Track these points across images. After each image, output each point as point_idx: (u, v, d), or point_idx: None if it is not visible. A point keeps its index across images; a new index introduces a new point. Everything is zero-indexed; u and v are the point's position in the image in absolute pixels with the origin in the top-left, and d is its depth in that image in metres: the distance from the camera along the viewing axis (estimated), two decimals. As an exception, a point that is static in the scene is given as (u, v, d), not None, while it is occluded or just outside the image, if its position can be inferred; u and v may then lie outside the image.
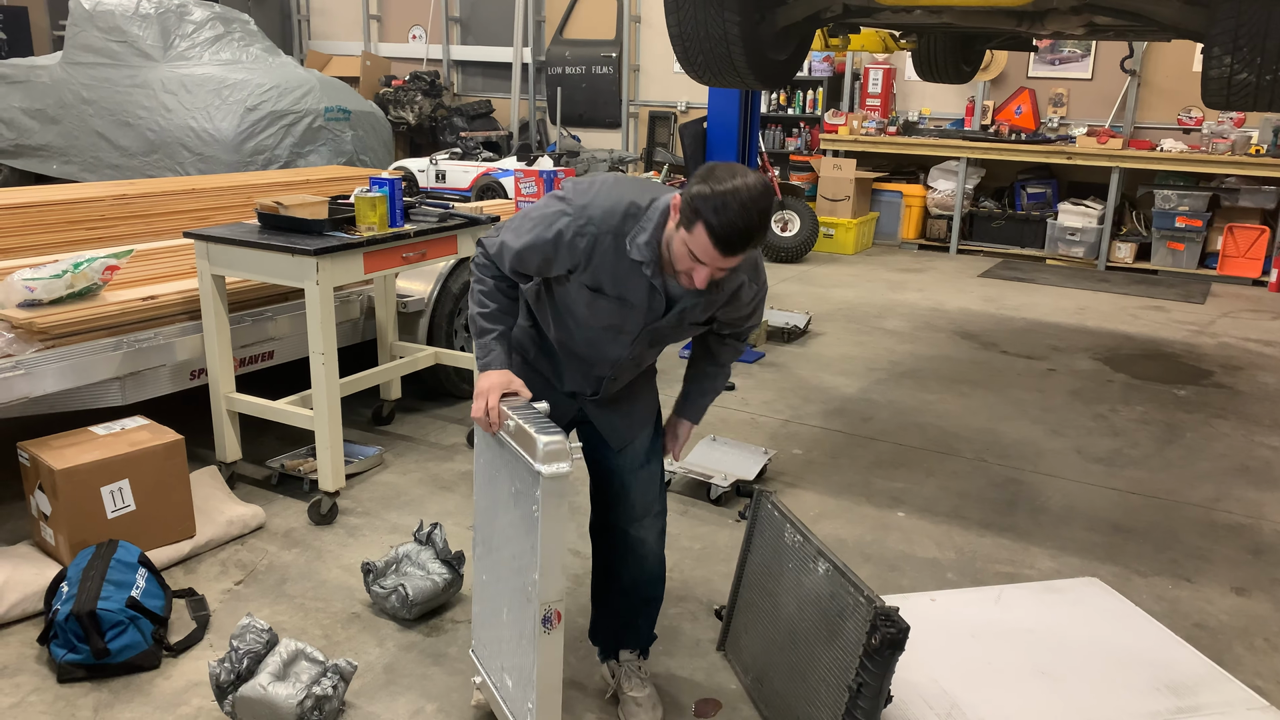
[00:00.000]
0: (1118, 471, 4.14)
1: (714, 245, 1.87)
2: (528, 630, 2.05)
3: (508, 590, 2.17)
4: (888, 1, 3.18)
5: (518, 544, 2.08)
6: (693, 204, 1.87)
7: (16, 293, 3.25)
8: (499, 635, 2.26)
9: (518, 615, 2.12)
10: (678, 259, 1.97)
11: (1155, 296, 7.41)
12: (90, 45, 8.36)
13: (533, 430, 1.94)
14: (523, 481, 2.02)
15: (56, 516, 2.96)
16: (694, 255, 1.92)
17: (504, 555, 2.18)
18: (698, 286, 1.97)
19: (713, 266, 1.92)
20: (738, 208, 1.84)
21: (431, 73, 11.22)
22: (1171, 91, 8.32)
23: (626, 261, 2.04)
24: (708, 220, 1.85)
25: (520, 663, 2.13)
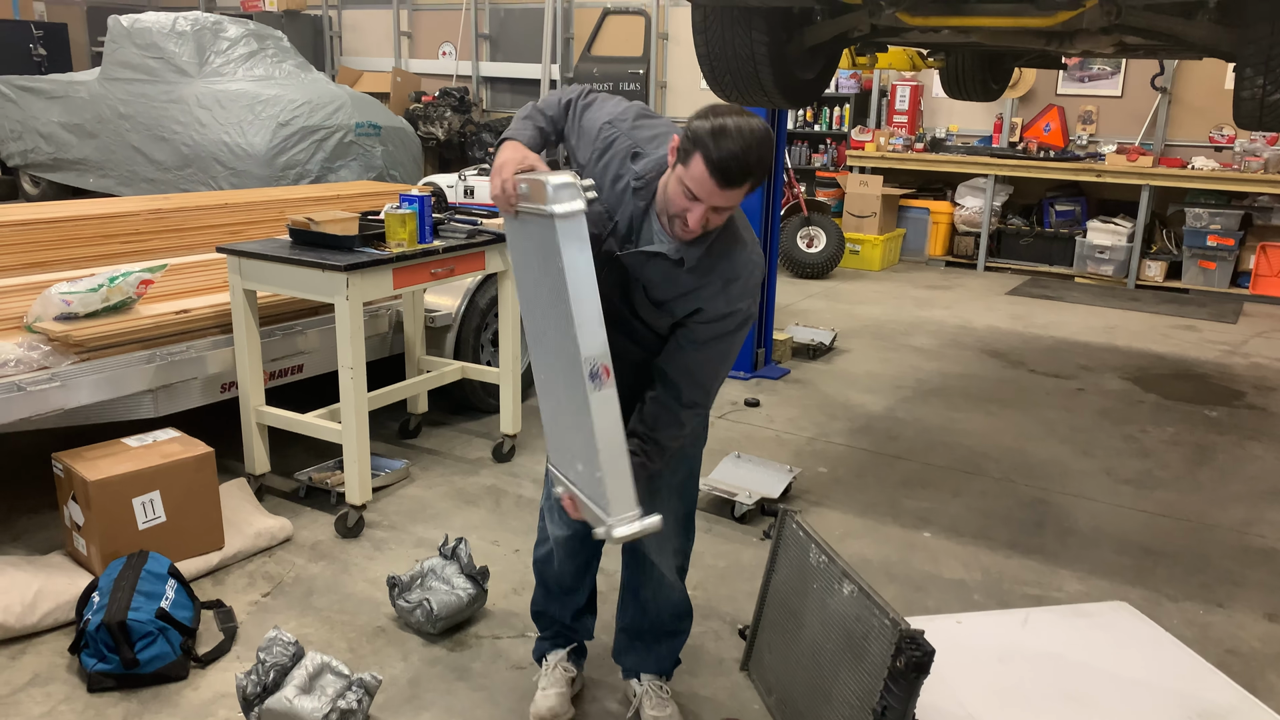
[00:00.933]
0: (1148, 493, 4.10)
1: (711, 175, 1.83)
2: (579, 396, 1.87)
3: (559, 371, 2.00)
4: (915, 21, 3.18)
5: (555, 313, 1.91)
6: (691, 136, 1.85)
7: (54, 306, 3.31)
8: (563, 426, 2.10)
9: (571, 389, 1.93)
10: (673, 200, 1.93)
11: (1186, 316, 7.34)
12: (128, 61, 8.52)
13: (542, 176, 1.85)
14: (546, 240, 1.87)
15: (89, 527, 3.00)
16: (689, 192, 1.88)
17: (548, 336, 2.03)
18: (691, 229, 1.91)
19: (708, 204, 1.88)
20: (737, 138, 1.81)
21: (461, 89, 11.32)
22: (1203, 109, 8.25)
23: (626, 186, 2.06)
24: (705, 150, 1.82)
25: (583, 437, 1.94)
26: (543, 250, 1.92)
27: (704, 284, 2.04)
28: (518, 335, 4.14)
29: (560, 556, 2.51)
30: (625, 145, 2.10)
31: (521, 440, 4.27)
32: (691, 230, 1.93)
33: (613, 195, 2.09)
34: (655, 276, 2.09)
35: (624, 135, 2.11)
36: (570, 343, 1.85)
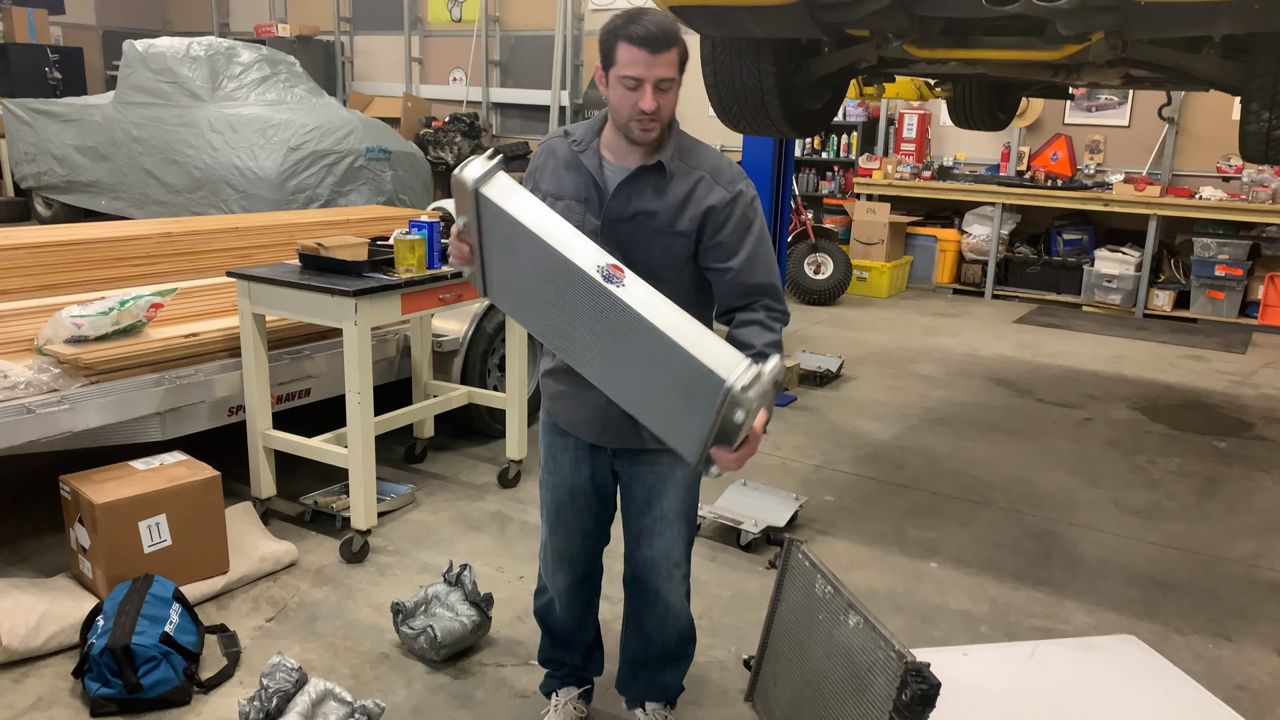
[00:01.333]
0: (1156, 524, 4.07)
1: (639, 47, 1.93)
2: (614, 320, 1.81)
3: (591, 330, 1.91)
4: (922, 54, 3.21)
5: (549, 277, 1.89)
6: (606, 37, 1.99)
7: (64, 329, 3.33)
8: (627, 382, 1.97)
9: (610, 330, 1.85)
10: (620, 105, 2.00)
11: (1194, 345, 7.32)
12: (142, 86, 8.60)
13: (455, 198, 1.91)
14: (494, 221, 1.90)
15: (95, 550, 3.00)
16: (629, 80, 1.96)
17: (564, 314, 1.93)
18: (646, 108, 1.97)
19: (649, 80, 1.95)
20: (645, 14, 1.97)
21: (471, 114, 11.41)
22: (1210, 139, 8.27)
23: (570, 157, 2.13)
24: (623, 34, 1.95)
25: (645, 356, 1.84)
26: (501, 235, 1.91)
27: (694, 184, 2.08)
28: (524, 360, 4.14)
29: (561, 605, 2.51)
30: (550, 142, 2.21)
31: (527, 465, 4.27)
32: (648, 112, 1.98)
33: (568, 182, 2.14)
34: (650, 206, 2.08)
35: (543, 144, 2.23)
36: (573, 279, 1.82)
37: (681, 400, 1.83)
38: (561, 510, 2.38)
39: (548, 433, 2.37)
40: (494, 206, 1.86)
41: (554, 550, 2.43)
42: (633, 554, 2.40)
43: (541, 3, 11.14)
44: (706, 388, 1.73)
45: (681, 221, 2.08)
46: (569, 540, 2.41)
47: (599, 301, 1.81)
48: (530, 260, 1.90)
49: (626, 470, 2.32)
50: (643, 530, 2.35)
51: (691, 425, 1.84)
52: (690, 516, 2.39)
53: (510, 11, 11.50)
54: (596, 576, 2.54)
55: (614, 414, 2.17)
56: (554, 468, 2.36)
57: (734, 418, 1.75)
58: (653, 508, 2.32)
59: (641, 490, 2.31)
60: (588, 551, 2.46)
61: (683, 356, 1.74)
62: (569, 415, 2.28)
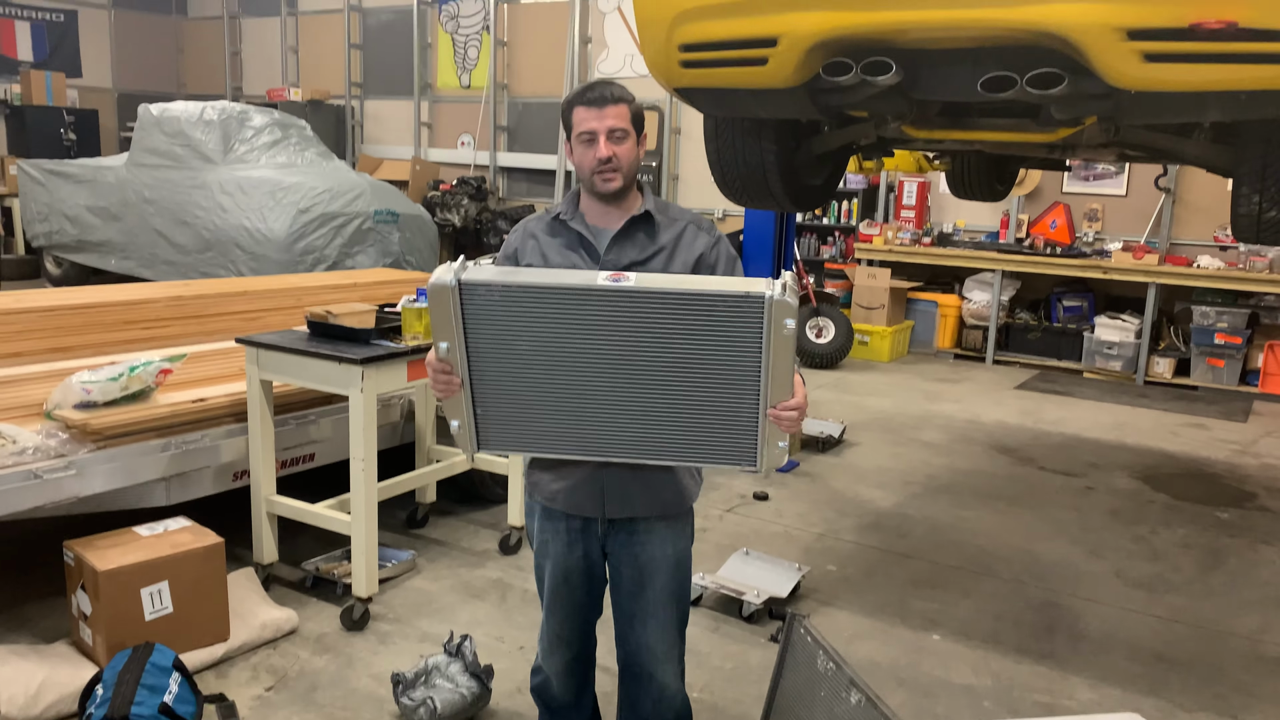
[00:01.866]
0: (1159, 598, 4.06)
1: (586, 106, 2.15)
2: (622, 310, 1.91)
3: (611, 374, 1.97)
4: (920, 135, 3.29)
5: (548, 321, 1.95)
6: (563, 109, 2.21)
7: (74, 394, 3.36)
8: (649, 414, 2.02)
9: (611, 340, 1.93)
10: (583, 163, 2.17)
11: (1196, 413, 7.34)
12: (155, 148, 8.77)
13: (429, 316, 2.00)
14: (480, 311, 1.97)
15: (96, 617, 3.00)
16: (585, 136, 2.15)
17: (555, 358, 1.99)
18: (603, 154, 2.13)
19: (601, 129, 2.13)
20: (593, 83, 2.21)
21: (478, 177, 11.59)
22: (1207, 209, 8.37)
23: (555, 227, 2.26)
24: (574, 98, 2.17)
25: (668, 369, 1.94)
26: (493, 323, 1.97)
27: (681, 232, 2.26)
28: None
29: (558, 684, 2.51)
30: (526, 226, 2.31)
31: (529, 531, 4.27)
32: (605, 158, 2.13)
33: (553, 251, 2.24)
34: (642, 255, 2.22)
35: (518, 229, 2.32)
36: (585, 302, 1.92)
37: (727, 361, 1.92)
38: (557, 593, 2.39)
39: (537, 518, 2.37)
40: (481, 288, 1.93)
41: (551, 633, 2.44)
42: (625, 637, 2.40)
43: (548, 70, 11.38)
44: (749, 312, 1.86)
45: (674, 265, 2.23)
46: (566, 622, 2.42)
47: (617, 308, 1.91)
48: (531, 326, 1.95)
49: (618, 550, 2.32)
50: (635, 614, 2.35)
51: (744, 398, 1.94)
52: (683, 597, 2.39)
53: (518, 78, 11.74)
54: (591, 650, 2.54)
55: (612, 482, 2.23)
56: (547, 552, 2.37)
57: (784, 328, 1.86)
58: (645, 590, 2.32)
59: (632, 572, 2.32)
60: (583, 630, 2.47)
61: (715, 297, 1.88)
62: (567, 495, 2.29)
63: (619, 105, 2.15)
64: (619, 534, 2.31)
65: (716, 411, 1.99)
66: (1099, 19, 2.29)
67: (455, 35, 12.07)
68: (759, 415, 1.98)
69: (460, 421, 2.08)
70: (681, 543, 2.37)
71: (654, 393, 1.99)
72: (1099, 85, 2.44)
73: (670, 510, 2.31)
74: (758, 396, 1.96)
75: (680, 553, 2.35)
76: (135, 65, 14.11)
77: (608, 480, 2.23)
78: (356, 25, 12.80)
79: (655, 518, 2.30)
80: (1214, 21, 2.18)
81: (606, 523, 2.30)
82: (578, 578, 2.37)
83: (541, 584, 2.42)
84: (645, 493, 2.26)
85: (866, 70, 2.61)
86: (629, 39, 10.71)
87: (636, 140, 2.19)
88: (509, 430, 2.10)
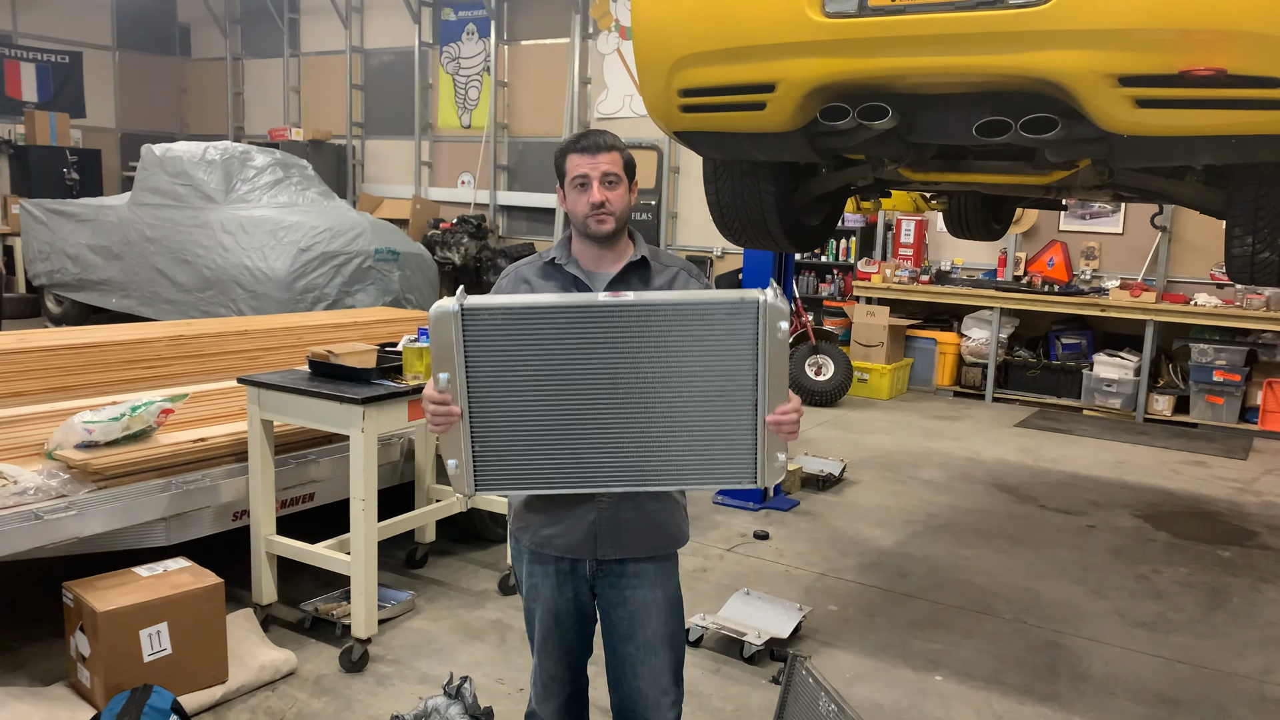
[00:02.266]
0: (1162, 638, 4.04)
1: (578, 154, 2.20)
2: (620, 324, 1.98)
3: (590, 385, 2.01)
4: (916, 177, 3.34)
5: (549, 341, 2.00)
6: (556, 157, 2.26)
7: (75, 434, 3.37)
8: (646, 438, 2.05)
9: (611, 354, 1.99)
10: (576, 207, 2.22)
11: (1196, 451, 7.34)
12: (158, 188, 8.84)
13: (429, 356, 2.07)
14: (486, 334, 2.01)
15: (95, 658, 2.99)
16: (578, 182, 2.20)
17: (555, 375, 2.02)
18: (595, 199, 2.18)
19: (594, 174, 2.18)
20: (585, 131, 2.27)
21: (478, 216, 11.67)
22: (1203, 247, 8.43)
23: (548, 270, 2.29)
24: (567, 146, 2.23)
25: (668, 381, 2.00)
26: (493, 347, 2.01)
27: (674, 276, 2.30)
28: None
29: None
30: (518, 270, 2.33)
31: (529, 572, 4.25)
32: (598, 202, 2.18)
33: (554, 289, 2.28)
34: None
35: (509, 273, 2.35)
36: (585, 319, 1.98)
37: (724, 368, 1.98)
38: (549, 636, 2.38)
39: (525, 562, 2.37)
40: (484, 312, 1.99)
41: (545, 676, 2.42)
42: (619, 683, 2.38)
43: (548, 111, 11.52)
44: (743, 316, 1.96)
45: None
46: (558, 664, 2.41)
47: (617, 322, 1.98)
48: (532, 349, 1.99)
49: (607, 593, 2.32)
50: (626, 659, 2.34)
51: (742, 407, 1.99)
52: (676, 641, 2.38)
53: (518, 118, 11.87)
54: (584, 690, 2.52)
55: (604, 523, 2.24)
56: (535, 596, 2.36)
57: (778, 330, 1.95)
58: (636, 635, 2.31)
59: (623, 616, 2.31)
60: (576, 671, 2.45)
61: (711, 305, 1.98)
62: (558, 538, 2.28)
63: (611, 152, 2.21)
64: (608, 576, 2.31)
65: (715, 425, 2.03)
66: (1091, 66, 2.33)
67: (456, 76, 12.22)
68: (757, 424, 2.01)
69: (458, 461, 2.08)
70: (671, 586, 2.36)
71: (653, 410, 2.03)
72: (1092, 130, 2.48)
73: (660, 551, 2.32)
74: (755, 405, 2.00)
75: (670, 596, 2.35)
76: (138, 105, 14.26)
77: (600, 521, 2.24)
78: (358, 66, 12.96)
79: (645, 559, 2.30)
80: (1203, 69, 2.22)
81: (596, 563, 2.30)
82: (569, 620, 2.36)
83: (532, 628, 2.42)
84: (638, 533, 2.27)
85: (863, 115, 2.65)
86: (628, 80, 10.85)
87: (628, 187, 2.24)
88: (507, 468, 2.10)
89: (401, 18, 12.35)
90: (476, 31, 11.97)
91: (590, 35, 11.13)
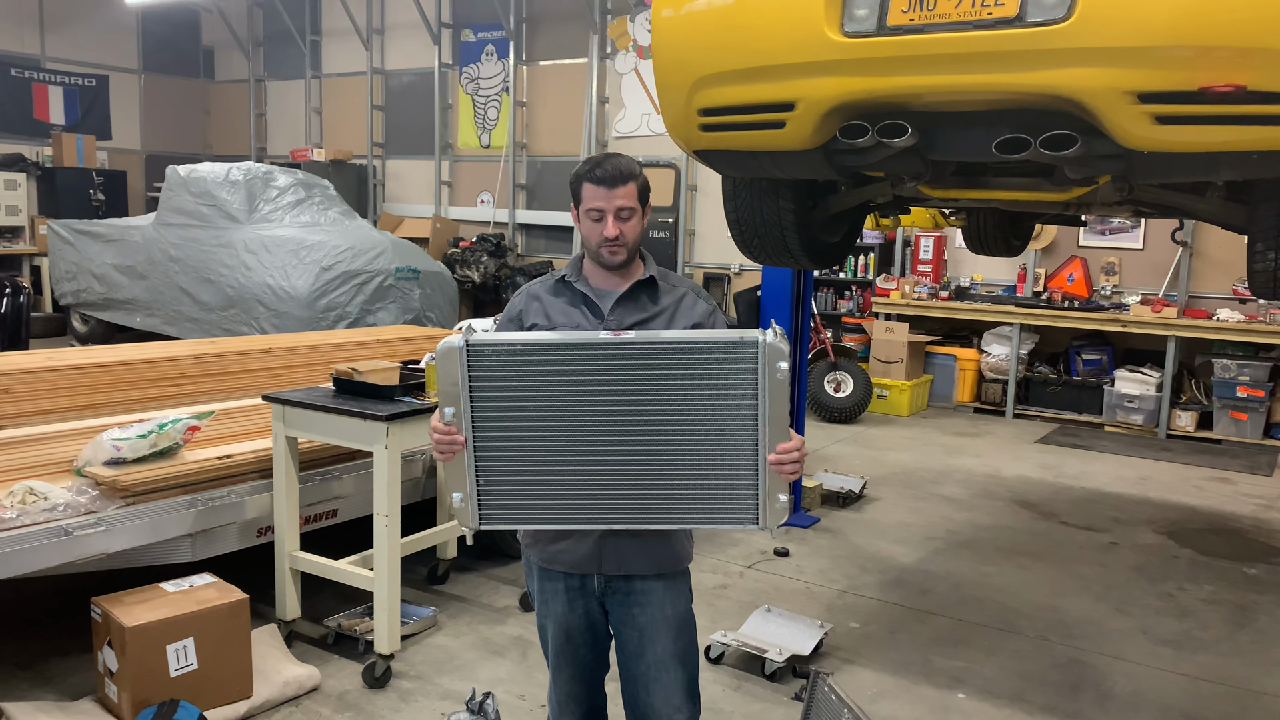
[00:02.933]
0: (1187, 656, 4.00)
1: (598, 185, 2.21)
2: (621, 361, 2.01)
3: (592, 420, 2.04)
4: (935, 194, 3.35)
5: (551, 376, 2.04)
6: (573, 182, 2.27)
7: (104, 451, 3.42)
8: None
9: (612, 391, 2.02)
10: (590, 235, 2.25)
11: (1219, 467, 7.27)
12: (182, 208, 8.96)
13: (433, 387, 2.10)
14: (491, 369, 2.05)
15: (122, 674, 3.02)
16: (594, 213, 2.22)
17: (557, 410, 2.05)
18: (611, 233, 2.21)
19: (609, 208, 2.20)
20: (604, 157, 2.26)
21: (497, 234, 11.74)
22: (1225, 262, 8.38)
23: (560, 288, 2.34)
24: (585, 175, 2.23)
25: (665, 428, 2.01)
26: (498, 379, 2.05)
27: (681, 298, 2.34)
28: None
29: None
30: (530, 289, 2.38)
31: (550, 588, 4.26)
32: (612, 237, 2.22)
33: (556, 312, 2.32)
34: (644, 315, 2.30)
35: (522, 293, 2.39)
36: (586, 354, 2.02)
37: (725, 408, 1.99)
38: (561, 653, 2.39)
39: (537, 578, 2.39)
40: (488, 348, 2.03)
41: (560, 693, 2.43)
42: (632, 700, 2.39)
43: (566, 131, 11.60)
44: (743, 358, 1.98)
45: (675, 327, 2.30)
46: (573, 681, 2.42)
47: (618, 360, 2.01)
48: (535, 384, 2.03)
49: (616, 610, 2.34)
50: (639, 676, 2.35)
51: (743, 447, 1.99)
52: (688, 658, 2.38)
53: (537, 138, 11.96)
54: (601, 706, 2.53)
55: (607, 537, 2.26)
56: (547, 612, 2.39)
57: (778, 370, 1.97)
58: (646, 652, 2.32)
59: (633, 634, 2.33)
60: (591, 688, 2.46)
61: (710, 345, 2.01)
62: (564, 554, 2.31)
63: (628, 185, 2.22)
64: (616, 592, 2.32)
65: (716, 465, 2.03)
66: (1110, 83, 2.34)
67: (475, 96, 12.33)
68: (758, 464, 2.01)
69: (462, 494, 2.11)
70: (681, 603, 2.37)
71: (655, 448, 2.04)
72: (1111, 146, 2.49)
73: (666, 569, 2.33)
74: (756, 445, 2.00)
75: (680, 614, 2.35)
76: (163, 127, 14.45)
77: (605, 536, 2.27)
78: (379, 87, 13.09)
79: (652, 577, 2.31)
80: (1223, 85, 2.23)
81: (604, 580, 2.31)
82: (581, 636, 2.38)
83: (545, 644, 2.44)
84: (641, 551, 2.28)
85: (882, 133, 2.66)
86: (645, 99, 10.92)
87: (642, 214, 2.28)
88: (510, 502, 2.12)
89: (421, 39, 12.48)
90: (495, 52, 12.08)
91: (608, 55, 11.22)
